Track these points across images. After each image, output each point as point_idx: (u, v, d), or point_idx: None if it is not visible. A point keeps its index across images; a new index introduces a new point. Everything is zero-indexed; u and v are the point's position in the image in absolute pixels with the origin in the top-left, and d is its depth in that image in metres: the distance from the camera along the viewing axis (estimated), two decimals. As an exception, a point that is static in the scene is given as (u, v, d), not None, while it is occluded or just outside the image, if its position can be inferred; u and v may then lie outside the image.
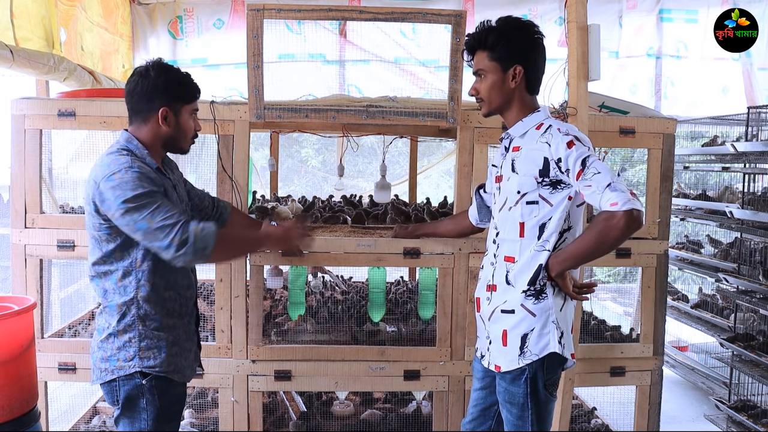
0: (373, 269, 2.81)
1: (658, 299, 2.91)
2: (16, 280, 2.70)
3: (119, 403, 1.91)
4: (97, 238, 1.91)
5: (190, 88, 2.02)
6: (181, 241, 1.78)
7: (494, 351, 1.99)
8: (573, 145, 1.80)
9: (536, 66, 1.94)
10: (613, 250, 1.78)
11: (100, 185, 1.82)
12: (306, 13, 2.59)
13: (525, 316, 1.90)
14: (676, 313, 4.65)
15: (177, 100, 1.98)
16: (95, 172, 1.87)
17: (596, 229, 1.76)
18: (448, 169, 6.01)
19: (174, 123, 1.98)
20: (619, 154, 4.77)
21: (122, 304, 1.91)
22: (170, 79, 1.96)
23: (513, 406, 1.95)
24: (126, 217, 1.79)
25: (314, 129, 3.05)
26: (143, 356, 1.91)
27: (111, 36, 4.68)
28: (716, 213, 4.32)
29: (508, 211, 1.94)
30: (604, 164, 1.78)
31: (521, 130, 1.95)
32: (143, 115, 1.96)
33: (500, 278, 1.97)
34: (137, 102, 1.96)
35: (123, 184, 1.79)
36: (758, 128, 3.69)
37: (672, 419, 3.81)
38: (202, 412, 3.18)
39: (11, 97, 2.68)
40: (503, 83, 1.91)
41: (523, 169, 1.90)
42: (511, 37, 1.89)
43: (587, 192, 1.78)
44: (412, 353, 2.78)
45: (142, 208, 1.79)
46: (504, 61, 1.89)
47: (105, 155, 1.91)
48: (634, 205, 1.70)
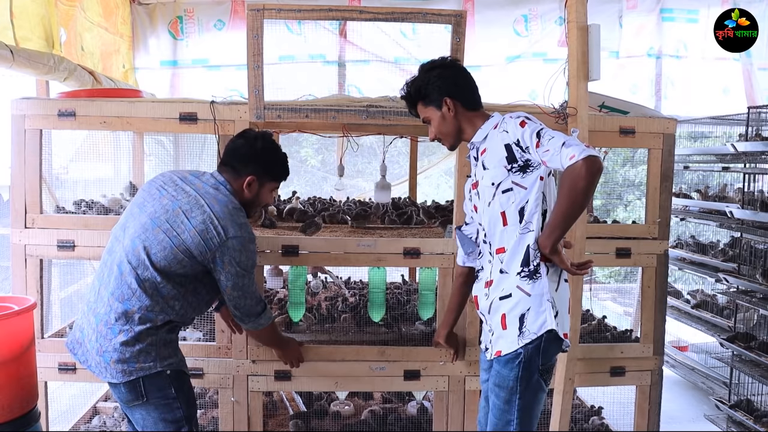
0: (373, 269, 2.81)
1: (658, 299, 2.91)
2: (17, 280, 2.70)
3: (145, 397, 2.02)
4: (179, 261, 2.02)
5: (282, 170, 2.27)
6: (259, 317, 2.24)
7: (495, 339, 2.03)
8: (525, 124, 1.93)
9: (461, 89, 2.09)
10: (587, 202, 1.85)
11: (229, 240, 2.02)
12: (306, 13, 2.59)
13: (521, 297, 1.95)
14: (676, 312, 4.64)
15: (266, 175, 2.21)
16: (225, 224, 2.03)
17: (564, 187, 1.82)
18: (448, 168, 6.00)
19: (255, 192, 2.20)
20: (620, 155, 4.78)
21: (159, 319, 2.03)
22: (271, 155, 2.22)
23: (501, 389, 1.98)
24: (236, 279, 2.08)
25: (314, 129, 3.04)
26: (162, 356, 2.04)
27: (111, 36, 4.68)
28: (716, 213, 4.31)
29: (488, 207, 2.02)
30: (557, 131, 1.89)
31: (482, 135, 2.06)
32: (235, 173, 2.18)
33: (496, 272, 2.02)
34: (236, 161, 2.18)
35: (249, 254, 2.09)
36: (758, 128, 3.69)
37: (672, 419, 3.81)
38: (202, 413, 3.18)
39: (11, 97, 2.68)
40: (444, 118, 2.08)
41: (491, 163, 2.00)
42: (427, 80, 2.08)
43: (547, 157, 1.86)
44: (413, 353, 2.78)
45: (249, 276, 2.13)
46: (435, 102, 2.08)
47: (232, 208, 2.08)
48: (590, 152, 1.78)
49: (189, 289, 2.08)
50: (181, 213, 2.02)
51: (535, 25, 5.28)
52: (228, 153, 2.21)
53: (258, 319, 2.24)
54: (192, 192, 2.08)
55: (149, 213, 2.05)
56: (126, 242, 2.04)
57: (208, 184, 2.12)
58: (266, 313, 2.27)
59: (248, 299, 2.16)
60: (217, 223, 2.02)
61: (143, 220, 2.05)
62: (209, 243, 2.01)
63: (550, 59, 5.20)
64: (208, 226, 2.01)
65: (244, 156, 2.17)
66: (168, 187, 2.11)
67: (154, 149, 4.07)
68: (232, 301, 2.14)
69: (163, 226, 2.01)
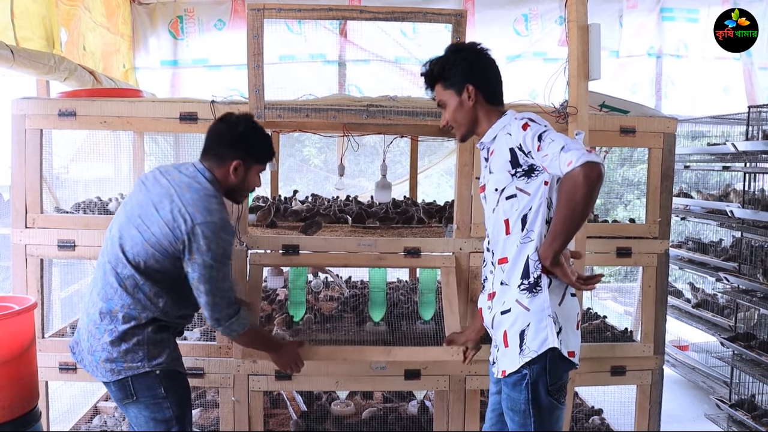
0: (374, 268, 2.80)
1: (659, 298, 2.91)
2: (17, 280, 2.71)
3: (135, 396, 2.00)
4: (151, 255, 1.96)
5: (267, 151, 2.18)
6: (231, 321, 2.04)
7: (500, 356, 1.94)
8: (528, 126, 1.83)
9: (486, 79, 1.98)
10: (588, 210, 1.74)
11: (196, 227, 1.93)
12: (306, 12, 2.59)
13: (520, 312, 1.86)
14: (677, 312, 4.64)
15: (252, 158, 2.13)
16: (193, 211, 1.95)
17: (563, 195, 1.74)
18: (448, 168, 6.00)
19: (242, 177, 2.12)
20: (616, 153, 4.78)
21: (142, 317, 1.99)
22: (254, 137, 2.13)
23: (515, 413, 1.89)
24: (204, 269, 1.95)
25: (315, 129, 3.04)
26: (150, 356, 2.01)
27: (112, 36, 4.69)
28: (717, 212, 4.31)
29: (493, 213, 1.95)
30: (560, 134, 1.78)
31: (492, 136, 1.97)
32: (219, 159, 2.09)
33: (497, 283, 1.95)
34: (218, 146, 2.10)
35: (220, 242, 1.96)
36: (759, 127, 3.69)
37: (673, 418, 3.81)
38: (202, 412, 3.18)
39: (12, 97, 2.68)
40: (462, 105, 1.97)
41: (496, 167, 1.92)
42: (453, 61, 1.97)
43: (547, 162, 1.76)
44: (413, 353, 2.77)
45: (221, 269, 1.98)
46: (456, 86, 1.97)
47: (204, 195, 1.99)
48: (589, 157, 1.67)
49: (169, 285, 2.02)
50: (151, 206, 1.98)
51: (536, 25, 5.29)
52: (210, 139, 2.12)
53: (230, 323, 2.05)
54: (166, 183, 2.03)
55: (127, 210, 2.04)
56: (108, 242, 2.05)
57: (186, 174, 2.06)
58: (240, 319, 2.08)
59: (218, 297, 2.00)
60: (185, 210, 1.95)
61: (121, 219, 2.04)
62: (176, 232, 1.94)
63: (550, 59, 5.21)
64: (175, 215, 1.95)
65: (227, 141, 2.09)
66: (147, 182, 2.08)
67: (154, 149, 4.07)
68: (202, 297, 2.00)
69: (135, 221, 1.99)
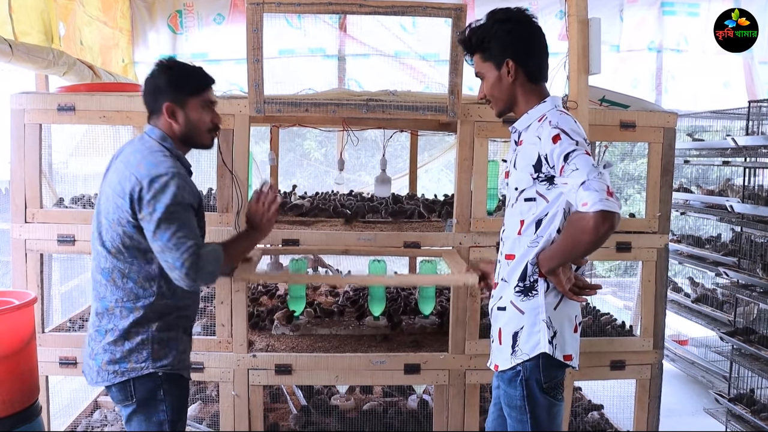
0: (373, 263, 2.81)
1: (658, 293, 2.91)
2: (17, 275, 2.70)
3: (134, 399, 1.91)
4: (120, 234, 1.85)
5: (193, 79, 1.97)
6: (197, 262, 1.80)
7: (494, 349, 1.96)
8: (558, 140, 1.72)
9: (529, 55, 1.85)
10: (591, 251, 1.72)
11: (143, 183, 1.80)
12: (306, 6, 2.59)
13: (514, 314, 1.86)
14: (676, 307, 4.65)
15: (181, 94, 1.93)
16: (137, 169, 1.82)
17: (569, 231, 1.72)
18: (448, 162, 6.00)
19: (183, 118, 1.94)
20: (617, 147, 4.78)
21: (139, 307, 1.88)
22: (172, 74, 1.94)
23: (512, 409, 1.90)
24: (157, 223, 1.78)
25: (314, 123, 3.05)
26: (156, 357, 1.91)
27: (110, 30, 4.67)
28: (716, 207, 4.31)
29: (511, 208, 1.91)
30: (587, 159, 1.68)
31: (525, 123, 1.87)
32: (155, 113, 1.95)
33: (500, 277, 1.95)
34: (148, 102, 1.96)
35: (166, 189, 1.79)
36: (759, 122, 3.69)
37: (672, 413, 3.82)
38: (202, 407, 3.19)
39: (10, 91, 2.67)
40: (501, 81, 1.85)
41: (520, 165, 1.85)
42: (495, 32, 1.82)
43: (565, 190, 1.71)
44: (413, 347, 2.78)
45: (174, 220, 1.79)
46: (496, 59, 1.84)
47: (147, 152, 1.87)
48: (606, 205, 1.59)
49: (150, 259, 1.87)
50: (106, 186, 1.91)
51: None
52: (144, 99, 1.98)
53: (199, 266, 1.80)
54: (117, 162, 1.93)
55: (97, 205, 1.97)
56: (92, 241, 1.98)
57: (134, 143, 1.95)
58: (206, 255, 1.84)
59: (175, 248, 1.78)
60: (129, 172, 1.83)
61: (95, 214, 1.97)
62: (126, 197, 1.81)
63: (550, 53, 5.17)
64: (122, 181, 1.84)
65: (149, 90, 1.95)
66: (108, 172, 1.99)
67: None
68: (160, 256, 1.81)
69: (98, 208, 1.93)
